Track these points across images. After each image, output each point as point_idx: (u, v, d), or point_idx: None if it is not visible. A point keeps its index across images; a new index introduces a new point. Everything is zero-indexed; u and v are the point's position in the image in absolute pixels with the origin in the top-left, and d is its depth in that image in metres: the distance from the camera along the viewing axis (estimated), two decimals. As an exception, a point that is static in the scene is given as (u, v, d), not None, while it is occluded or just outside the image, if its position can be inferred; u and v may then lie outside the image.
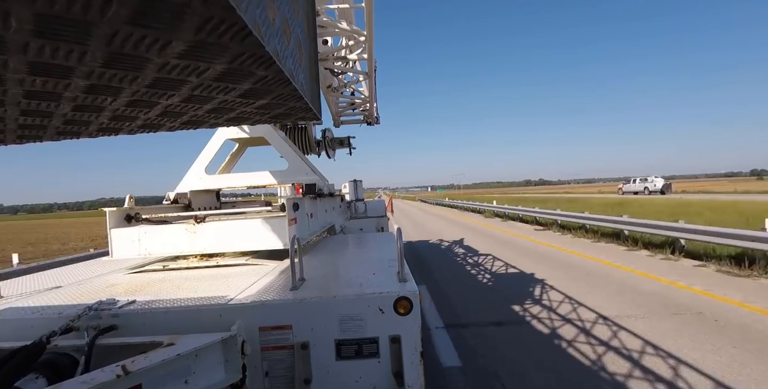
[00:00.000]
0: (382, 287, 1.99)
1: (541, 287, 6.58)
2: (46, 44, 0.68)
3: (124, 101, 1.04)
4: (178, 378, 1.50)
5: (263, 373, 1.86)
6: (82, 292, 2.40)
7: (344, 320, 1.88)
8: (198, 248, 2.86)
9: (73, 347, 1.64)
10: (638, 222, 10.01)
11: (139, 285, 2.46)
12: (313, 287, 2.11)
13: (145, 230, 2.88)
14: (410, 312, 1.88)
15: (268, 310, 1.88)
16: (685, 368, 3.58)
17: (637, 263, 8.04)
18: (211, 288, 2.23)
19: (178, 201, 3.84)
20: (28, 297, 2.37)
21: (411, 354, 1.86)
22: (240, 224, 2.88)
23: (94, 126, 1.26)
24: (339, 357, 1.87)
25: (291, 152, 4.20)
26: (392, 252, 2.99)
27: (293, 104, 1.17)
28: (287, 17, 0.90)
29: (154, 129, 1.39)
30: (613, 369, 3.60)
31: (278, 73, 0.89)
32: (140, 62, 0.79)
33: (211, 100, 1.08)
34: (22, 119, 1.11)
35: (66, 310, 1.93)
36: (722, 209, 14.81)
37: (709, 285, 6.14)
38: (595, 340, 4.29)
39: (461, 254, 10.34)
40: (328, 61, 5.50)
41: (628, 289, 6.18)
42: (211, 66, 0.84)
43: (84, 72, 0.82)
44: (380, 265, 2.58)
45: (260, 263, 2.90)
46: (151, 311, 1.88)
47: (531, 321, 4.97)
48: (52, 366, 1.52)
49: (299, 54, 1.02)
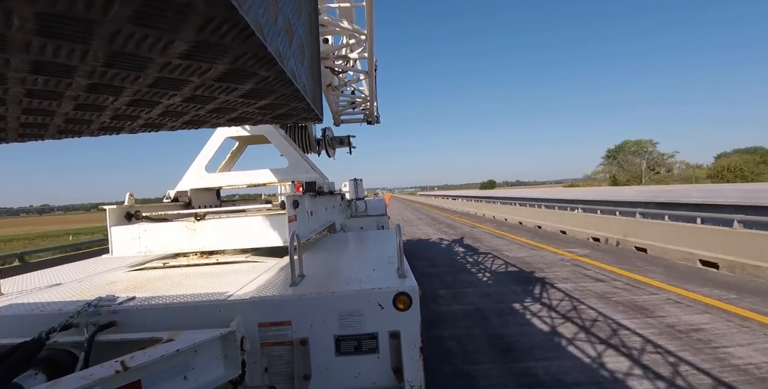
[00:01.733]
0: (381, 283, 2.00)
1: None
2: (48, 43, 0.68)
3: (125, 101, 1.04)
4: (177, 374, 1.51)
5: (263, 369, 1.87)
6: (82, 289, 2.40)
7: (344, 316, 1.88)
8: (198, 245, 2.87)
9: (73, 343, 1.65)
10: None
11: (139, 282, 2.47)
12: (313, 284, 2.12)
13: (145, 228, 2.89)
14: (409, 307, 1.88)
15: (267, 306, 1.89)
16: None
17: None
18: (211, 285, 2.24)
19: (179, 199, 3.85)
20: (29, 294, 2.37)
21: (410, 350, 1.87)
22: (240, 221, 2.88)
23: (95, 125, 1.26)
24: (338, 353, 1.87)
25: (291, 150, 4.20)
26: (392, 249, 3.00)
27: (295, 104, 1.17)
28: (290, 17, 0.90)
29: (155, 128, 1.39)
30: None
31: (280, 73, 0.89)
32: (142, 62, 0.79)
33: (212, 100, 1.08)
34: (24, 117, 1.11)
35: (66, 307, 1.94)
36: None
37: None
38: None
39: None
40: (329, 59, 5.49)
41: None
42: (213, 66, 0.84)
43: (86, 71, 0.82)
44: (380, 261, 2.58)
45: (260, 261, 2.91)
46: (151, 307, 1.88)
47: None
48: (52, 362, 1.52)
49: (301, 54, 1.02)
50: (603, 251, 9.22)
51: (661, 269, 7.12)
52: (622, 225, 10.08)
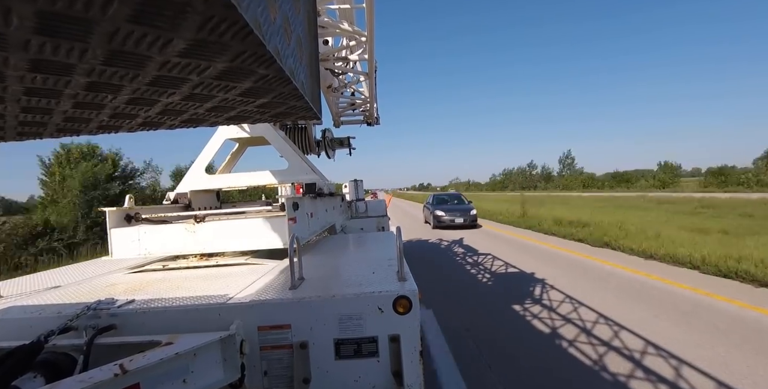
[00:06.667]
0: (381, 287, 1.99)
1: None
2: (47, 41, 0.68)
3: (124, 99, 1.04)
4: (176, 378, 1.50)
5: (262, 373, 1.86)
6: (81, 292, 2.39)
7: (343, 319, 1.87)
8: (198, 247, 2.86)
9: (72, 346, 1.64)
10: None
11: (138, 285, 2.46)
12: (313, 287, 2.11)
13: (144, 230, 2.88)
14: (409, 311, 1.87)
15: (267, 309, 1.88)
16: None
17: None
18: (211, 288, 2.23)
19: (178, 201, 3.84)
20: (28, 296, 2.36)
21: (410, 354, 1.85)
22: (240, 223, 2.88)
23: (94, 123, 1.26)
24: (338, 357, 1.86)
25: (291, 151, 4.20)
26: (392, 251, 2.99)
27: (294, 102, 1.17)
28: (288, 16, 0.90)
29: (154, 127, 1.39)
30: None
31: (279, 72, 0.89)
32: (141, 60, 0.79)
33: (211, 98, 1.08)
34: (23, 115, 1.11)
35: (65, 309, 1.93)
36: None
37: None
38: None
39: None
40: (329, 61, 5.50)
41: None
42: (212, 64, 0.83)
43: (85, 69, 0.82)
44: (380, 264, 2.57)
45: (260, 263, 2.90)
46: (150, 310, 1.87)
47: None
48: (51, 366, 1.51)
49: (300, 53, 1.02)
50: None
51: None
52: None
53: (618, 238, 10.24)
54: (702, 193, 32.98)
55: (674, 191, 40.66)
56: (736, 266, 6.64)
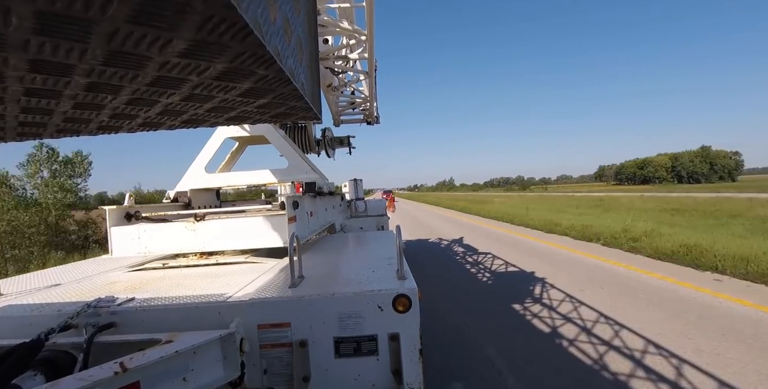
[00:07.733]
0: (381, 285, 1.99)
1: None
2: (46, 42, 0.68)
3: (124, 99, 1.04)
4: (176, 376, 1.50)
5: (262, 371, 1.86)
6: (81, 290, 2.40)
7: (343, 318, 1.88)
8: (198, 246, 2.86)
9: (72, 344, 1.64)
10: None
11: (138, 283, 2.46)
12: (312, 285, 2.11)
13: (144, 229, 2.88)
14: (409, 309, 1.88)
15: (266, 308, 1.88)
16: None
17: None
18: (211, 286, 2.23)
19: (178, 200, 3.84)
20: (28, 294, 2.37)
21: (410, 352, 1.86)
22: (239, 222, 2.88)
23: (94, 124, 1.26)
24: (338, 355, 1.87)
25: (291, 150, 4.20)
26: (392, 250, 2.99)
27: (294, 103, 1.17)
28: (288, 16, 0.90)
29: (154, 127, 1.39)
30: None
31: (279, 72, 0.89)
32: (141, 61, 0.79)
33: (211, 99, 1.08)
34: (23, 116, 1.11)
35: (65, 308, 1.93)
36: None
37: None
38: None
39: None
40: (329, 60, 5.49)
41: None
42: (212, 65, 0.83)
43: (84, 70, 0.81)
44: (379, 263, 2.58)
45: (259, 261, 2.90)
46: (150, 308, 1.88)
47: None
48: (51, 364, 1.52)
49: (300, 53, 1.02)
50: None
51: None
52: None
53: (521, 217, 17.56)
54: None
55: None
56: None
